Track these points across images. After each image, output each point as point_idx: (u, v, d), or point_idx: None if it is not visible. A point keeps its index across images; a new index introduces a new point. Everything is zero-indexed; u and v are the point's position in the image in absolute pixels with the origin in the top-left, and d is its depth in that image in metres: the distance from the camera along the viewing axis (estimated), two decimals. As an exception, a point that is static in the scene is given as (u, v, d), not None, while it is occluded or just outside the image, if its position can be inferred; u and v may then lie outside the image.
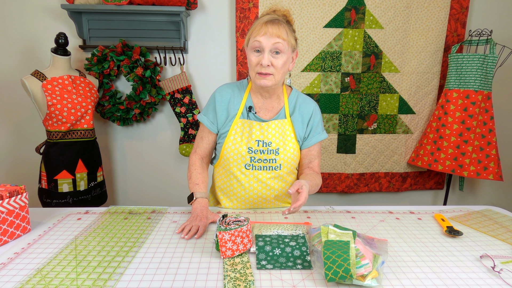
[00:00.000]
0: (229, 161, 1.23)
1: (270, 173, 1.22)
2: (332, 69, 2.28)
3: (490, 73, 2.06)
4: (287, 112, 1.24)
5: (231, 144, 1.21)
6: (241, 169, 1.22)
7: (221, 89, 1.27)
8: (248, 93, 1.25)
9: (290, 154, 1.21)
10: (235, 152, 1.20)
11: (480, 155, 2.12)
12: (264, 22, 1.10)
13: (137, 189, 2.47)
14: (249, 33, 1.15)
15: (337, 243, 0.84)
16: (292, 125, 1.23)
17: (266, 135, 1.20)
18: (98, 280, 0.81)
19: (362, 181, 2.45)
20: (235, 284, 0.80)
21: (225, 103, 1.24)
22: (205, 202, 1.20)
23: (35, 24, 2.18)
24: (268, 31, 1.09)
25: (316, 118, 1.26)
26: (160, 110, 2.36)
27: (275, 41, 1.09)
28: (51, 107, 1.79)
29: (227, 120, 1.23)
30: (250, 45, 1.12)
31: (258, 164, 1.21)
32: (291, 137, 1.22)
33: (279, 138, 1.21)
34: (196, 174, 1.26)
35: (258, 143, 1.20)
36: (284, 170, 1.23)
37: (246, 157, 1.20)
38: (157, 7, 2.02)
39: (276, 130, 1.21)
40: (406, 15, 2.24)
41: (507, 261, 0.93)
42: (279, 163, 1.21)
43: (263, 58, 1.10)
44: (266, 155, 1.20)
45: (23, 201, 1.05)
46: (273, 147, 1.20)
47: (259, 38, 1.09)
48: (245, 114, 1.23)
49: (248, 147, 1.20)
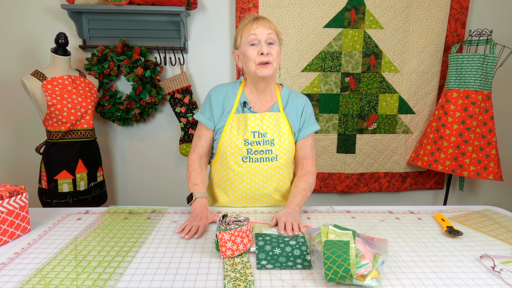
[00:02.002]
0: (226, 155, 1.25)
1: (266, 165, 1.25)
2: (332, 69, 2.28)
3: (490, 73, 2.06)
4: (280, 106, 1.29)
5: (228, 138, 1.24)
6: (238, 162, 1.25)
7: (215, 88, 1.32)
8: (242, 89, 1.30)
9: (285, 146, 1.26)
10: (232, 145, 1.23)
11: (480, 155, 2.12)
12: (253, 19, 1.19)
13: (137, 189, 2.47)
14: (239, 33, 1.22)
15: (337, 243, 0.84)
16: (286, 118, 1.28)
17: (261, 126, 1.24)
18: (98, 280, 0.81)
19: (362, 181, 2.45)
20: (235, 284, 0.80)
21: (220, 100, 1.29)
22: (204, 202, 1.20)
23: (35, 24, 2.18)
24: (261, 24, 1.17)
25: (308, 110, 1.32)
26: (160, 110, 2.36)
27: (269, 31, 1.18)
28: (51, 107, 1.79)
29: (222, 115, 1.28)
30: (246, 40, 1.18)
31: (255, 156, 1.24)
32: (285, 129, 1.27)
33: (273, 130, 1.25)
34: (195, 174, 1.27)
35: (254, 134, 1.24)
36: (280, 161, 1.26)
37: (243, 150, 1.23)
38: (157, 7, 2.02)
39: (270, 121, 1.25)
40: (406, 15, 2.24)
41: (507, 261, 0.93)
42: (275, 154, 1.24)
43: (262, 48, 1.16)
44: (262, 146, 1.24)
45: (23, 201, 1.05)
46: (269, 138, 1.24)
47: (254, 31, 1.17)
48: (240, 109, 1.27)
49: (244, 139, 1.23)
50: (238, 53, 1.25)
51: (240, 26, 1.22)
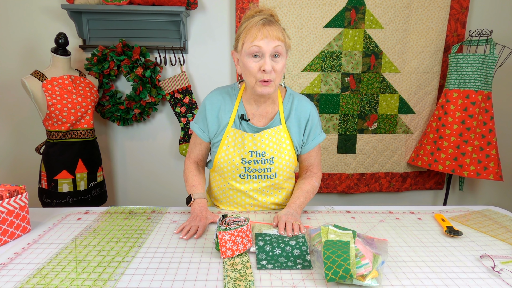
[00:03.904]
0: (223, 171, 1.21)
1: (265, 182, 1.21)
2: (332, 69, 2.28)
3: (490, 73, 2.06)
4: (282, 118, 1.17)
5: (224, 154, 1.18)
6: (235, 179, 1.21)
7: (211, 96, 1.20)
8: (240, 99, 1.18)
9: (285, 162, 1.18)
10: (228, 163, 1.18)
11: (480, 155, 2.11)
12: (261, 24, 1.02)
13: (137, 189, 2.47)
14: (242, 37, 1.05)
15: (337, 243, 0.84)
16: (287, 132, 1.18)
17: (259, 146, 1.15)
18: (98, 280, 0.81)
19: (362, 181, 2.45)
20: (235, 284, 0.80)
21: (215, 111, 1.18)
22: (204, 202, 1.20)
23: (35, 24, 2.18)
24: (268, 34, 1.01)
25: (314, 120, 1.20)
26: (160, 110, 2.36)
27: (275, 44, 1.02)
28: (51, 107, 1.79)
29: (218, 130, 1.19)
30: (247, 51, 1.03)
31: (253, 174, 1.19)
32: (286, 144, 1.18)
33: (273, 147, 1.16)
34: (192, 176, 1.25)
35: (252, 153, 1.16)
36: (280, 178, 1.21)
37: (240, 168, 1.18)
38: (157, 7, 2.02)
39: (269, 139, 1.16)
40: (406, 15, 2.24)
41: (507, 261, 0.93)
42: (274, 172, 1.18)
43: (264, 63, 1.02)
44: (261, 164, 1.17)
45: (23, 201, 1.05)
46: (267, 157, 1.16)
47: (258, 43, 1.01)
48: (237, 122, 1.17)
49: (241, 158, 1.16)
50: (238, 57, 1.10)
51: (243, 26, 1.05)
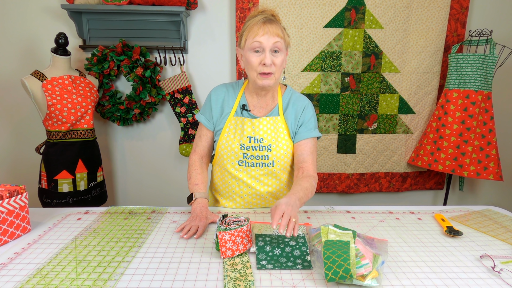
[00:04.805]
0: (223, 157, 1.26)
1: (263, 170, 1.24)
2: (332, 69, 2.28)
3: (490, 73, 2.06)
4: (280, 110, 1.25)
5: (225, 141, 1.24)
6: (234, 166, 1.25)
7: (216, 88, 1.30)
8: (243, 91, 1.28)
9: (283, 151, 1.22)
10: (228, 149, 1.23)
11: (480, 155, 2.11)
12: (262, 22, 1.11)
13: (137, 189, 2.47)
14: (245, 34, 1.14)
15: (337, 243, 0.84)
16: (285, 122, 1.24)
17: (257, 132, 1.22)
18: (98, 280, 0.81)
19: (362, 181, 2.45)
20: (235, 284, 0.80)
21: (219, 101, 1.27)
22: (204, 202, 1.20)
23: (35, 24, 2.18)
24: (268, 31, 1.10)
25: (307, 113, 1.25)
26: (160, 110, 2.36)
27: (275, 40, 1.11)
28: (51, 107, 1.79)
29: (221, 117, 1.26)
30: (249, 46, 1.13)
31: (251, 161, 1.23)
32: (284, 134, 1.23)
33: (271, 135, 1.22)
34: (196, 174, 1.27)
35: (250, 139, 1.22)
36: (277, 167, 1.24)
37: (239, 154, 1.22)
38: (157, 7, 2.02)
39: (267, 126, 1.22)
40: (406, 15, 2.24)
41: (507, 261, 0.93)
42: (271, 160, 1.23)
43: (265, 57, 1.11)
44: (258, 151, 1.22)
45: (23, 201, 1.05)
46: (265, 144, 1.22)
47: (259, 39, 1.10)
48: (239, 112, 1.26)
49: (240, 143, 1.22)
50: (242, 53, 1.19)
51: (246, 24, 1.15)
